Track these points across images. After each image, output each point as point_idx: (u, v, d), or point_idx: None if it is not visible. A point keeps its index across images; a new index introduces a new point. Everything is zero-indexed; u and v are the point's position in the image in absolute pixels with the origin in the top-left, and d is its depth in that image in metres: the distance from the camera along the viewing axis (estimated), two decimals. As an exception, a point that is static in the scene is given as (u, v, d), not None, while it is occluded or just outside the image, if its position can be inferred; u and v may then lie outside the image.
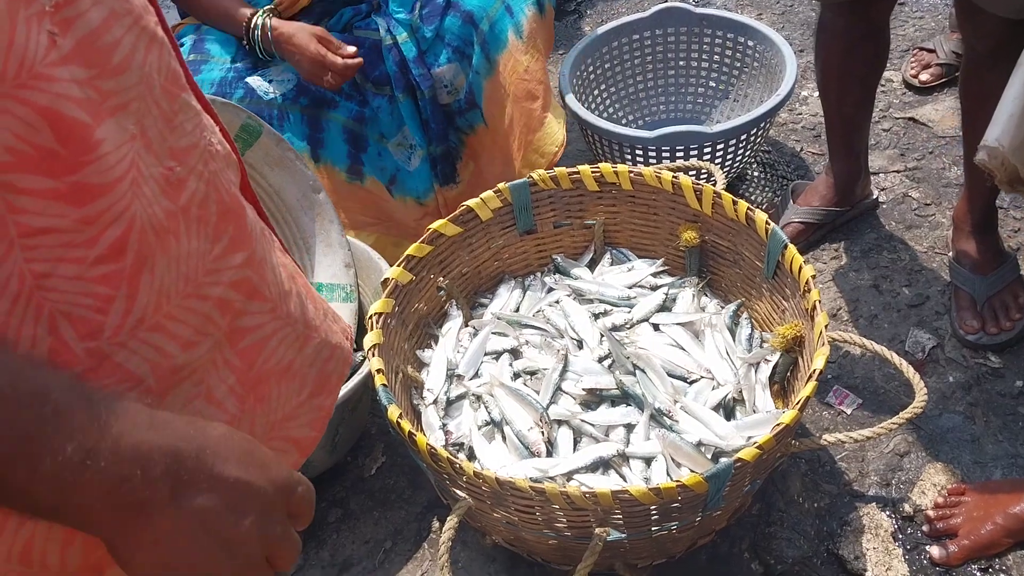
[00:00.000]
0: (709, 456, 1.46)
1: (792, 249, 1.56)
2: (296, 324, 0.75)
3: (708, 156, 2.10)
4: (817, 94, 2.32)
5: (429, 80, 1.88)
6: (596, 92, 2.38)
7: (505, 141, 2.00)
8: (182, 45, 1.88)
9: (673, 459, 1.46)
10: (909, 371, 1.49)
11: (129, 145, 0.58)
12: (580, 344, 1.67)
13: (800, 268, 1.52)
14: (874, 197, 2.18)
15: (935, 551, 1.56)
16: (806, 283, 1.51)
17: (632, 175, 1.76)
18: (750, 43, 2.32)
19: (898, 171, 2.29)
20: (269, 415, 0.73)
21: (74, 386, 0.52)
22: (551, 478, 1.44)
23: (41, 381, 0.51)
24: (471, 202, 1.77)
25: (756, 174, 2.36)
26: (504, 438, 1.53)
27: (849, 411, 1.80)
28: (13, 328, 0.54)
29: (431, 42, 1.88)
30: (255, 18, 1.82)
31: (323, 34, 1.80)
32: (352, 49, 1.80)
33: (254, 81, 1.82)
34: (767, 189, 2.32)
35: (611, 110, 2.43)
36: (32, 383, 0.50)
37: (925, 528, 1.60)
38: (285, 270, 0.75)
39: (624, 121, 2.44)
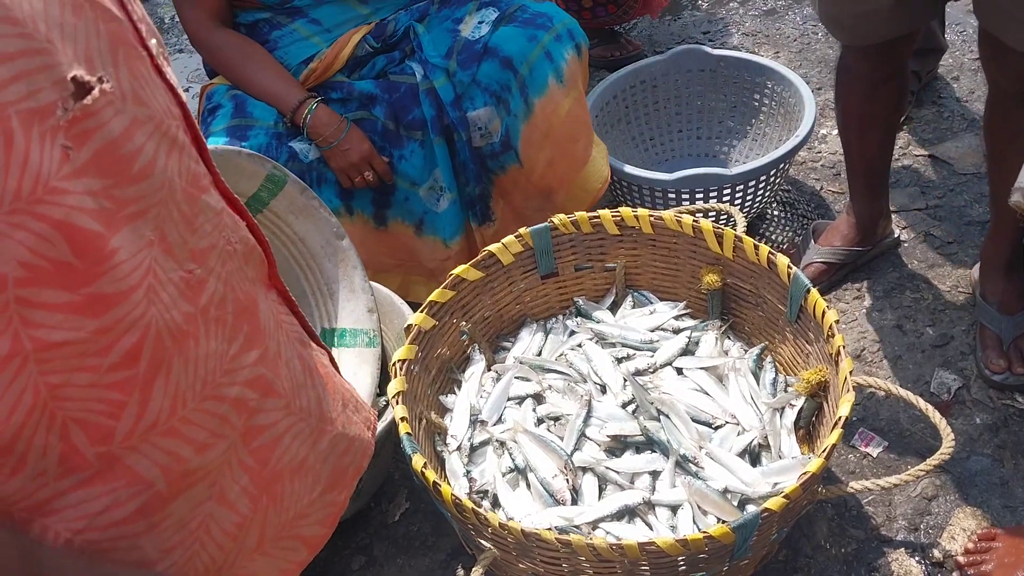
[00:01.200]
0: (735, 503, 1.46)
1: (815, 294, 1.56)
2: (310, 418, 0.75)
3: (728, 197, 2.10)
4: (836, 132, 2.32)
5: (465, 124, 1.91)
6: (615, 134, 2.39)
7: (542, 180, 2.01)
8: (220, 107, 1.88)
9: (699, 507, 1.45)
10: (935, 416, 1.48)
11: (146, 251, 0.58)
12: (603, 389, 1.67)
13: (823, 313, 1.52)
14: (896, 236, 2.18)
15: (966, 598, 1.54)
16: (830, 328, 1.50)
17: (652, 219, 1.77)
18: (768, 83, 2.33)
19: (919, 209, 2.29)
20: (281, 514, 0.73)
21: (14, 542, 0.52)
22: (576, 527, 1.44)
23: None
24: (492, 247, 1.78)
25: (776, 213, 2.36)
26: (529, 485, 1.53)
27: (875, 454, 1.78)
28: (25, 438, 0.54)
29: (467, 86, 1.90)
30: (307, 105, 1.84)
31: None
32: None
33: (297, 145, 1.85)
34: (788, 228, 2.32)
35: (630, 151, 2.44)
36: None
37: (955, 574, 1.58)
38: (302, 361, 0.75)
39: (643, 161, 2.45)
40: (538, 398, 1.69)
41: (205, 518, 0.66)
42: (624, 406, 1.62)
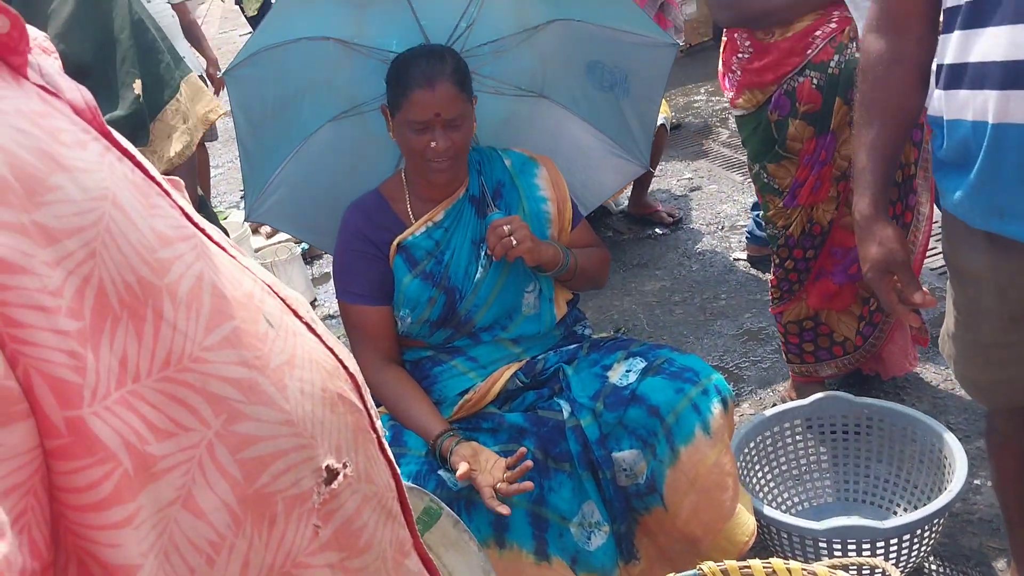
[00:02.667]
0: None
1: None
2: None
3: (881, 550, 2.04)
4: (990, 483, 2.26)
5: (610, 462, 1.96)
6: (760, 474, 2.40)
7: (687, 526, 2.00)
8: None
9: None
10: None
11: None
12: None
13: None
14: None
15: None
16: None
17: (806, 574, 1.73)
18: (916, 431, 2.32)
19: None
20: None
21: None
22: None
23: None
24: (641, 591, 1.76)
25: (934, 568, 2.26)
26: None
27: None
28: None
29: (613, 427, 1.98)
30: (440, 440, 1.95)
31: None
32: (529, 463, 1.87)
33: (444, 474, 1.95)
34: (947, 585, 2.21)
35: (775, 492, 2.43)
36: None
37: None
38: None
39: (789, 504, 2.43)
40: None
41: None
42: None
